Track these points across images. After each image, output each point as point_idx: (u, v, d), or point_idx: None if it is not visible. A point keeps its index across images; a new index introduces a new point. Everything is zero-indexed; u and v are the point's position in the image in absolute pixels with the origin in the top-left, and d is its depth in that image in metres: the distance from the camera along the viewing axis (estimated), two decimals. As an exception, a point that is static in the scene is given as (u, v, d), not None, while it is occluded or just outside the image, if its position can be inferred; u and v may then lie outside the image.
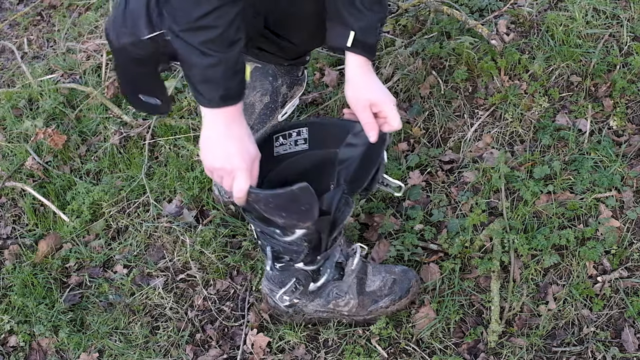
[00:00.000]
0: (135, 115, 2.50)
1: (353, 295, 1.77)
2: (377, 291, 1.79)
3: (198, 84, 1.35)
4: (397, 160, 2.14)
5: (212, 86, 1.34)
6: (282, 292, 1.70)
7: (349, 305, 1.78)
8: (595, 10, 2.30)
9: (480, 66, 2.23)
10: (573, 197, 1.96)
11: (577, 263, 1.84)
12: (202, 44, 1.28)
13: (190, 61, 1.32)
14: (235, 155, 1.41)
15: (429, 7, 2.45)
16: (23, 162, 2.43)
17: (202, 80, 1.34)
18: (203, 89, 1.35)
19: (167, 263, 2.07)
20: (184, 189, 2.20)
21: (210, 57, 1.30)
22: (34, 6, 3.39)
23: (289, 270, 1.69)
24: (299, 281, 1.69)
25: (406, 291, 1.80)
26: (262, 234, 1.61)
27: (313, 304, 1.79)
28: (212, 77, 1.32)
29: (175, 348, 1.88)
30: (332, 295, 1.77)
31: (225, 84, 1.35)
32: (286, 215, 1.47)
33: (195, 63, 1.31)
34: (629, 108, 2.12)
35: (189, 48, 1.30)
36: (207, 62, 1.30)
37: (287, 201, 1.43)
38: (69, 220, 2.23)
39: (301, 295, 1.75)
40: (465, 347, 1.77)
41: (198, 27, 1.27)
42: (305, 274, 1.69)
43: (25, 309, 2.02)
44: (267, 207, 1.45)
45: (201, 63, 1.31)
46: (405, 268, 1.84)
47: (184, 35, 1.29)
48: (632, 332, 1.72)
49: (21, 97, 2.69)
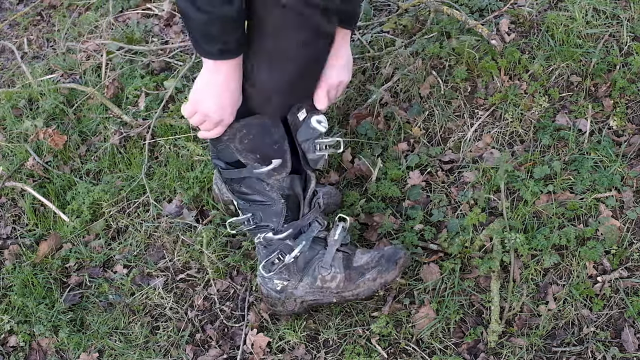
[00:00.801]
0: (135, 115, 2.50)
1: (339, 269, 1.77)
2: (364, 265, 1.78)
3: (198, 36, 1.41)
4: (397, 160, 2.15)
5: (210, 40, 1.40)
6: (264, 262, 1.76)
7: (335, 280, 1.78)
8: (595, 10, 2.30)
9: (480, 66, 2.22)
10: (573, 197, 1.96)
11: (577, 263, 1.84)
12: (204, 1, 1.34)
13: (189, 16, 1.37)
14: (227, 108, 1.53)
15: (429, 7, 2.45)
16: (23, 162, 2.43)
17: (201, 34, 1.40)
18: (202, 41, 1.42)
19: (167, 263, 2.07)
20: (184, 189, 2.20)
21: (206, 14, 1.35)
22: (34, 6, 3.38)
23: (273, 244, 1.75)
24: (282, 253, 1.75)
25: (394, 262, 1.77)
26: (245, 202, 1.71)
27: (302, 284, 1.79)
28: (210, 32, 1.39)
29: (175, 348, 1.88)
30: (318, 269, 1.78)
31: (223, 39, 1.41)
32: (260, 157, 1.59)
33: (194, 18, 1.37)
34: (629, 108, 2.12)
35: (187, 4, 1.35)
36: (203, 19, 1.36)
37: (259, 133, 1.53)
38: (69, 220, 2.23)
39: (289, 274, 1.78)
40: (465, 347, 1.77)
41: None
42: (289, 247, 1.75)
43: (25, 309, 2.02)
44: (242, 143, 1.55)
45: (199, 19, 1.36)
46: (396, 247, 1.82)
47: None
48: (632, 332, 1.72)
49: (21, 97, 2.69)
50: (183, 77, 2.56)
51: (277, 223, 1.72)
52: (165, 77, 2.63)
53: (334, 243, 1.78)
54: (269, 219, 1.73)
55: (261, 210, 1.71)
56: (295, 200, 1.73)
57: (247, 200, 1.72)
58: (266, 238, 1.75)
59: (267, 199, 1.69)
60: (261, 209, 1.71)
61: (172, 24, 2.97)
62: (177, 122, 2.39)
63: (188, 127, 2.36)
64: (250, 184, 1.68)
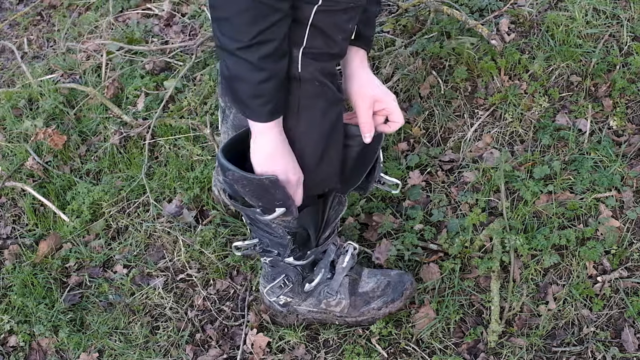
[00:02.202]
0: (135, 115, 2.50)
1: (345, 295, 1.78)
2: (370, 292, 1.79)
3: (248, 99, 1.33)
4: (397, 160, 2.14)
5: (262, 100, 1.33)
6: (270, 286, 1.74)
7: (340, 306, 1.78)
8: (595, 10, 2.30)
9: (480, 66, 2.22)
10: (573, 197, 1.96)
11: (577, 263, 1.84)
12: (260, 59, 1.27)
13: (243, 77, 1.30)
14: (291, 171, 1.43)
15: (429, 7, 2.45)
16: (23, 162, 2.43)
17: (253, 96, 1.32)
18: (253, 103, 1.34)
19: (167, 263, 2.07)
20: (184, 189, 2.20)
21: (264, 72, 1.29)
22: (34, 6, 3.39)
23: (279, 266, 1.71)
24: (288, 277, 1.72)
25: (400, 294, 1.79)
26: (252, 225, 1.64)
27: (306, 303, 1.80)
28: (264, 91, 1.32)
29: (175, 348, 1.88)
30: (323, 294, 1.78)
31: (275, 98, 1.34)
32: (262, 204, 1.49)
33: (248, 79, 1.29)
34: (629, 108, 2.12)
35: (243, 64, 1.28)
36: (261, 77, 1.29)
37: (258, 189, 1.45)
38: (69, 220, 2.23)
39: (293, 294, 1.76)
40: (465, 347, 1.77)
41: (258, 42, 1.26)
42: (296, 272, 1.71)
43: (25, 309, 2.02)
44: (244, 190, 1.48)
45: (255, 78, 1.29)
46: (401, 272, 1.83)
47: (242, 52, 1.27)
48: (632, 332, 1.72)
49: (21, 97, 2.69)
50: (183, 77, 2.56)
51: (284, 252, 1.66)
52: (165, 77, 2.63)
53: (342, 271, 1.77)
54: (276, 247, 1.67)
55: (268, 238, 1.65)
56: (304, 233, 1.64)
57: (253, 224, 1.64)
58: (286, 262, 1.69)
59: (273, 232, 1.62)
60: (268, 237, 1.65)
61: (172, 24, 2.97)
62: (177, 122, 2.39)
63: (188, 127, 2.36)
64: (253, 217, 1.58)
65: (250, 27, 1.24)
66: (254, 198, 1.48)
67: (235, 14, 1.22)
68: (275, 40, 1.27)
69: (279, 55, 1.29)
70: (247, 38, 1.25)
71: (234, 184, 1.46)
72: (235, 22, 1.24)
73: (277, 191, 1.42)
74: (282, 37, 1.28)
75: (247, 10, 1.21)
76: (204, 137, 2.33)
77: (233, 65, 1.29)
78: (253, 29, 1.24)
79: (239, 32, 1.25)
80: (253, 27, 1.24)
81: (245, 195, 1.48)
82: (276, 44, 1.27)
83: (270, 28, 1.25)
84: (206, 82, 2.48)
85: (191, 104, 2.44)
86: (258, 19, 1.23)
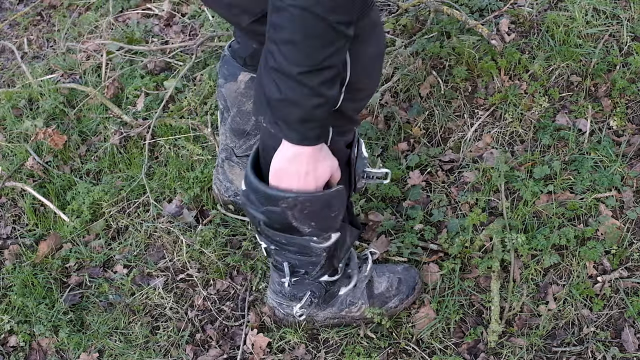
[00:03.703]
0: (135, 115, 2.50)
1: (364, 300, 1.78)
2: (385, 292, 1.80)
3: (296, 123, 1.26)
4: (397, 160, 2.14)
5: (312, 125, 1.27)
6: (298, 307, 1.69)
7: (360, 310, 1.79)
8: (595, 10, 2.30)
9: (480, 66, 2.22)
10: (573, 197, 1.96)
11: (577, 263, 1.84)
12: (320, 84, 1.21)
13: (297, 102, 1.23)
14: (335, 168, 1.41)
15: (429, 7, 2.45)
16: (23, 162, 2.43)
17: (303, 120, 1.26)
18: (302, 128, 1.27)
19: (167, 263, 2.07)
20: (184, 189, 2.20)
21: (321, 98, 1.23)
22: (34, 6, 3.38)
23: (302, 284, 1.67)
24: (313, 294, 1.69)
25: (412, 289, 1.82)
26: (278, 250, 1.55)
27: (324, 312, 1.79)
28: (316, 116, 1.26)
29: (175, 348, 1.88)
30: (346, 303, 1.78)
31: (324, 123, 1.30)
32: (315, 224, 1.44)
33: (303, 104, 1.23)
34: (629, 108, 2.12)
35: (301, 89, 1.21)
36: (316, 102, 1.23)
37: (321, 205, 1.40)
38: (69, 220, 2.22)
39: (316, 307, 1.76)
40: (465, 347, 1.77)
41: (322, 67, 1.20)
42: (320, 286, 1.69)
43: (25, 309, 2.02)
44: (301, 214, 1.41)
45: (309, 103, 1.23)
46: (406, 266, 1.86)
47: (303, 77, 1.20)
48: (632, 332, 1.72)
49: (21, 97, 2.69)
50: (183, 77, 2.56)
51: (312, 270, 1.60)
52: (165, 77, 2.63)
53: (364, 279, 1.76)
54: (305, 267, 1.60)
55: (298, 260, 1.57)
56: (340, 250, 1.60)
57: (282, 248, 1.54)
58: (317, 280, 1.66)
59: (309, 253, 1.54)
60: (297, 260, 1.57)
61: (172, 24, 2.97)
62: (177, 122, 2.39)
63: (188, 127, 2.36)
64: (293, 242, 1.51)
65: (317, 53, 1.18)
66: (308, 221, 1.43)
67: (304, 39, 1.16)
68: (336, 66, 1.22)
69: (337, 81, 1.25)
70: (311, 63, 1.19)
71: (287, 211, 1.40)
72: (302, 47, 1.17)
73: (337, 201, 1.41)
74: (341, 62, 1.25)
75: (317, 37, 1.16)
76: (204, 137, 2.33)
77: (288, 89, 1.21)
78: (320, 54, 1.18)
79: (305, 57, 1.19)
80: (320, 53, 1.18)
81: (297, 220, 1.42)
82: (337, 69, 1.23)
83: (335, 54, 1.20)
84: (206, 82, 2.48)
85: (191, 104, 2.44)
86: (326, 44, 1.18)
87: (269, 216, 1.43)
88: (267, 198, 1.40)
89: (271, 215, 1.43)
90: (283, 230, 1.46)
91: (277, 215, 1.42)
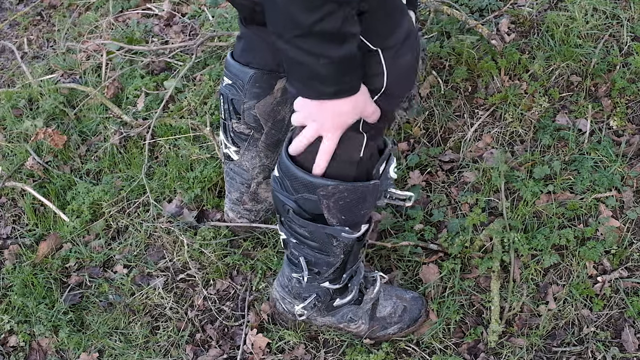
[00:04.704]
0: (135, 115, 2.50)
1: (365, 320, 1.78)
2: (387, 317, 1.79)
3: (305, 79, 1.26)
4: (397, 160, 2.14)
5: (321, 81, 1.26)
6: (302, 306, 1.70)
7: (359, 329, 1.79)
8: (595, 10, 2.30)
9: (480, 66, 2.23)
10: (573, 197, 1.96)
11: (577, 263, 1.84)
12: (317, 46, 1.20)
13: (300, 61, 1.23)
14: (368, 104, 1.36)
15: (429, 7, 2.45)
16: (23, 162, 2.43)
17: (310, 77, 1.25)
18: (313, 84, 1.26)
19: (167, 263, 2.07)
20: (184, 189, 2.20)
21: (324, 58, 1.21)
22: (34, 6, 3.38)
23: (311, 285, 1.67)
24: (318, 297, 1.69)
25: (415, 321, 1.80)
26: (297, 244, 1.56)
27: (324, 319, 1.79)
28: (322, 73, 1.25)
29: (175, 348, 1.88)
30: (346, 318, 1.77)
31: (337, 79, 1.27)
32: (345, 218, 1.45)
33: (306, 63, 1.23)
34: (629, 108, 2.12)
35: (299, 51, 1.21)
36: (321, 62, 1.22)
37: (358, 198, 1.42)
38: (69, 220, 2.22)
39: (317, 312, 1.75)
40: (465, 347, 1.77)
41: (312, 32, 1.18)
42: (325, 291, 1.68)
43: (25, 309, 2.02)
44: (336, 204, 1.42)
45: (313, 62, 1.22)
46: (415, 295, 1.82)
47: (297, 40, 1.20)
48: (632, 332, 1.72)
49: (21, 97, 2.69)
50: (183, 77, 2.56)
51: (325, 271, 1.60)
52: (165, 77, 2.63)
53: (369, 300, 1.76)
54: (319, 267, 1.60)
55: (314, 257, 1.57)
56: (357, 252, 1.61)
57: (302, 242, 1.55)
58: (321, 284, 1.66)
59: (327, 251, 1.55)
60: (313, 255, 1.57)
61: (172, 24, 2.97)
62: (177, 122, 2.39)
63: (188, 127, 2.36)
64: (318, 235, 1.51)
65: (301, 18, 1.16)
66: (340, 214, 1.44)
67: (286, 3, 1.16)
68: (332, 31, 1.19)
69: (341, 39, 1.22)
70: (300, 29, 1.17)
71: (323, 200, 1.41)
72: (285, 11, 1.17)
73: (372, 197, 1.43)
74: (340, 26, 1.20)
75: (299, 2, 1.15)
76: (204, 137, 2.33)
77: (289, 50, 1.21)
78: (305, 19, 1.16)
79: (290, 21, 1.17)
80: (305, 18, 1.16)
81: (330, 211, 1.43)
82: (335, 32, 1.20)
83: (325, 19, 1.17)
84: (206, 82, 2.48)
85: (191, 104, 2.44)
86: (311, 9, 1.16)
87: (301, 204, 1.44)
88: (305, 185, 1.41)
89: (304, 202, 1.44)
90: (313, 219, 1.47)
91: (311, 203, 1.43)
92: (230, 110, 1.86)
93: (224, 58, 2.47)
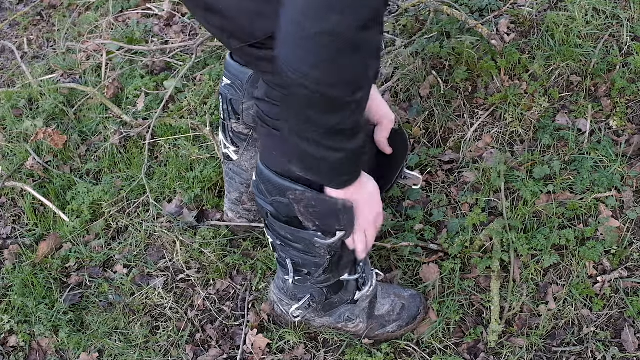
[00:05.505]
0: (135, 115, 2.50)
1: (363, 319, 1.77)
2: (386, 315, 1.78)
3: (327, 173, 1.31)
4: (397, 160, 2.14)
5: (342, 171, 1.32)
6: (295, 307, 1.70)
7: (357, 328, 1.79)
8: (595, 10, 2.30)
9: (480, 66, 2.22)
10: (573, 197, 1.96)
11: (577, 263, 1.84)
12: (338, 141, 1.24)
13: (322, 157, 1.26)
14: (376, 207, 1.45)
15: (429, 7, 2.45)
16: (23, 162, 2.43)
17: (332, 169, 1.30)
18: (334, 176, 1.33)
19: (167, 263, 2.07)
20: (184, 189, 2.20)
21: (342, 152, 1.26)
22: (34, 6, 3.38)
23: (305, 286, 1.67)
24: (312, 298, 1.69)
25: (413, 318, 1.79)
26: (283, 246, 1.56)
27: (321, 320, 1.79)
28: (343, 166, 1.30)
29: (175, 348, 1.88)
30: (344, 317, 1.77)
31: (353, 169, 1.34)
32: (319, 224, 1.45)
33: (327, 158, 1.27)
34: (629, 108, 2.12)
35: (319, 149, 1.24)
36: (339, 156, 1.26)
37: (328, 211, 1.40)
38: (69, 220, 2.22)
39: (313, 312, 1.75)
40: (465, 347, 1.77)
41: (336, 131, 1.22)
42: (320, 292, 1.68)
43: (25, 309, 2.02)
44: (306, 210, 1.42)
45: (334, 157, 1.26)
46: (413, 293, 1.82)
47: (321, 137, 1.23)
48: (632, 332, 1.72)
49: (21, 97, 2.69)
50: (183, 77, 2.56)
51: (315, 272, 1.59)
52: (165, 77, 2.63)
53: (365, 298, 1.75)
54: (308, 267, 1.59)
55: (302, 258, 1.57)
56: (342, 254, 1.57)
57: (287, 244, 1.55)
58: (313, 283, 1.65)
59: (313, 252, 1.53)
60: (302, 258, 1.56)
61: (172, 24, 2.97)
62: (177, 122, 2.39)
63: (188, 127, 2.36)
64: (298, 238, 1.51)
65: (323, 120, 1.19)
66: (313, 219, 1.43)
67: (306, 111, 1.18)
68: (351, 127, 1.24)
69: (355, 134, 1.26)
70: (323, 130, 1.20)
71: (293, 204, 1.41)
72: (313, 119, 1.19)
73: (345, 216, 1.40)
74: (357, 122, 1.25)
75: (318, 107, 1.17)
76: (204, 137, 2.33)
77: (309, 148, 1.23)
78: (328, 121, 1.19)
79: (313, 124, 1.20)
80: (328, 120, 1.19)
81: (303, 215, 1.43)
82: (352, 129, 1.24)
83: (346, 118, 1.20)
84: (206, 82, 2.48)
85: (191, 104, 2.44)
86: (331, 112, 1.19)
87: (276, 207, 1.46)
88: (277, 188, 1.42)
89: (279, 206, 1.45)
90: (289, 223, 1.47)
91: (285, 206, 1.44)
92: (230, 110, 1.86)
93: (224, 58, 2.47)
